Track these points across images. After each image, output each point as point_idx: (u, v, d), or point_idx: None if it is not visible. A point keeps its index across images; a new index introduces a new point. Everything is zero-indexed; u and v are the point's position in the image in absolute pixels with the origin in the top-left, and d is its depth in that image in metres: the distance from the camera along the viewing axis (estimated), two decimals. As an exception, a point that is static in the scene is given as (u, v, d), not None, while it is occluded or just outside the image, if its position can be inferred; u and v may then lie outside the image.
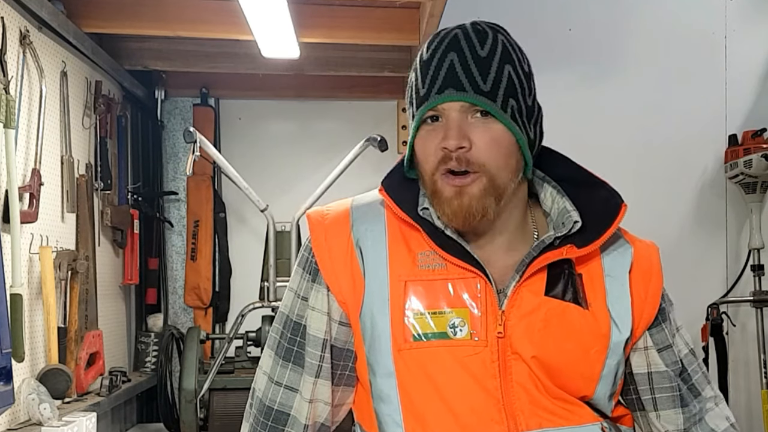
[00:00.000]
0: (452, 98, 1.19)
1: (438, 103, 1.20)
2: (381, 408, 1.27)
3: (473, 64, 1.20)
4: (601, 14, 3.82)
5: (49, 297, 2.37)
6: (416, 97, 1.23)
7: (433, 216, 1.25)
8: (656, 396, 1.34)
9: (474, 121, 1.20)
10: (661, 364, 1.33)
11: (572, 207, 1.28)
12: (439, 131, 1.21)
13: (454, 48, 1.21)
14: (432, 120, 1.22)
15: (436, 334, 1.23)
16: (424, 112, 1.21)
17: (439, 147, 1.20)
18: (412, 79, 1.25)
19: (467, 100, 1.19)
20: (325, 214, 1.33)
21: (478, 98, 1.19)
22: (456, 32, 1.23)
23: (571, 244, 1.26)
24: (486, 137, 1.20)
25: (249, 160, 3.63)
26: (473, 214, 1.21)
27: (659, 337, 1.33)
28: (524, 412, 1.23)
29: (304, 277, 1.32)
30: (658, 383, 1.33)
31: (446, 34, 1.24)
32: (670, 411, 1.34)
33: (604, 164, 1.60)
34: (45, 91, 2.46)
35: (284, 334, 1.32)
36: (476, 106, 1.20)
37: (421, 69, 1.23)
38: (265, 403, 1.33)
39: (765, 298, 3.63)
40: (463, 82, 1.19)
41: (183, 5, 2.93)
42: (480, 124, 1.20)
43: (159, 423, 3.35)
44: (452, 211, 1.21)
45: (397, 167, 1.33)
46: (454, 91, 1.19)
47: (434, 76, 1.20)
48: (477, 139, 1.19)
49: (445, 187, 1.21)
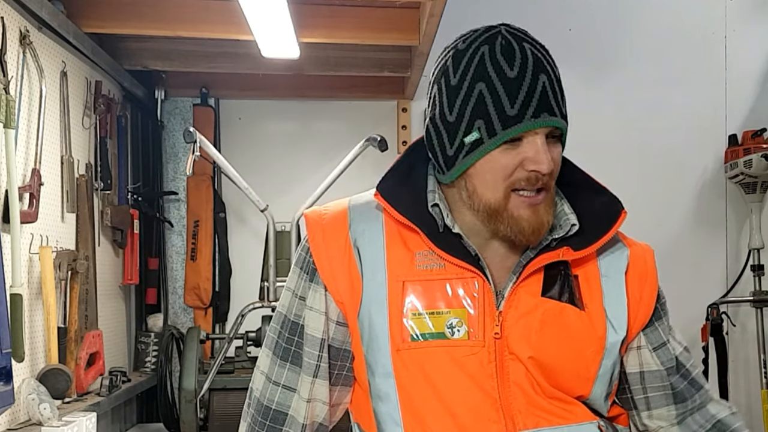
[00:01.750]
0: (547, 123, 1.20)
1: (535, 127, 1.19)
2: (380, 407, 1.27)
3: (557, 86, 1.22)
4: (601, 14, 3.82)
5: (49, 297, 2.37)
6: (499, 114, 1.19)
7: (443, 213, 1.26)
8: (649, 395, 1.35)
9: (550, 142, 1.22)
10: (652, 364, 1.34)
11: (570, 210, 1.29)
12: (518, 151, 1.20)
13: (543, 69, 1.20)
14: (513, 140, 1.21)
15: (434, 334, 1.24)
16: (515, 134, 1.19)
17: (521, 167, 1.20)
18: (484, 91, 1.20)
19: (558, 125, 1.21)
20: (322, 214, 1.33)
21: (563, 123, 1.22)
22: (530, 49, 1.21)
23: (568, 247, 1.27)
24: (557, 158, 1.24)
25: (249, 160, 3.63)
26: (544, 229, 1.25)
27: (654, 336, 1.34)
28: (521, 412, 1.23)
29: (302, 276, 1.32)
30: (650, 382, 1.34)
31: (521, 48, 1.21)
32: (663, 409, 1.35)
33: (604, 164, 1.60)
34: (45, 91, 2.46)
35: (282, 334, 1.33)
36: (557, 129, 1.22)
37: (507, 87, 1.19)
38: (263, 402, 1.33)
39: (765, 298, 3.63)
40: (554, 108, 1.20)
41: (183, 5, 2.93)
42: (553, 145, 1.23)
43: (159, 423, 3.35)
44: (532, 230, 1.23)
45: (391, 171, 1.33)
46: (549, 116, 1.20)
47: (528, 98, 1.18)
48: (555, 161, 1.23)
49: (518, 205, 1.22)
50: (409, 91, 3.64)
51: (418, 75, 3.39)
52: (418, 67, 3.27)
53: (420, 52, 3.08)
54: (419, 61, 3.20)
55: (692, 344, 3.48)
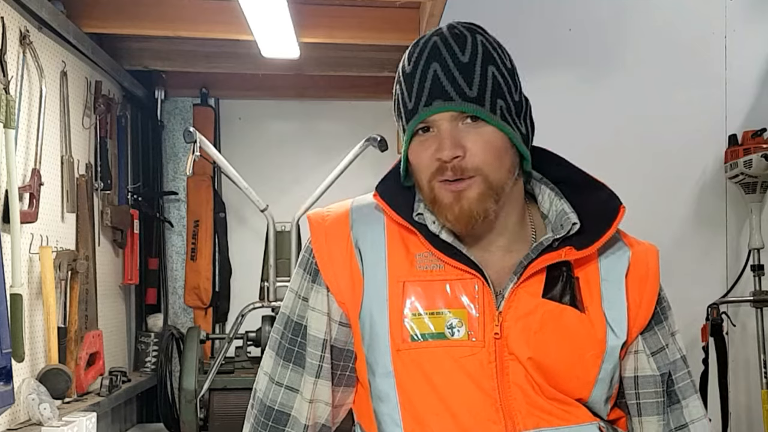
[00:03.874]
0: (441, 109, 1.19)
1: (427, 115, 1.20)
2: (380, 407, 1.27)
3: (456, 71, 1.20)
4: (601, 14, 3.82)
5: (49, 297, 2.37)
6: (404, 110, 1.23)
7: (428, 221, 1.26)
8: (641, 401, 1.33)
9: (465, 127, 1.20)
10: (647, 369, 1.32)
11: (570, 209, 1.28)
12: (432, 142, 1.21)
13: (435, 57, 1.20)
14: (423, 131, 1.22)
15: (434, 334, 1.24)
16: (414, 126, 1.21)
17: (433, 158, 1.20)
18: (398, 92, 1.25)
19: (456, 108, 1.19)
20: (325, 215, 1.34)
21: (467, 105, 1.19)
22: (434, 40, 1.22)
23: (570, 246, 1.26)
24: (479, 142, 1.20)
25: (249, 160, 3.63)
26: (474, 218, 1.22)
27: (652, 340, 1.33)
28: (521, 413, 1.23)
29: (305, 277, 1.33)
30: (644, 388, 1.32)
31: (425, 43, 1.23)
32: (653, 417, 1.32)
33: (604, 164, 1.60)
34: (45, 91, 2.46)
35: (285, 335, 1.33)
36: (466, 113, 1.20)
37: (406, 82, 1.22)
38: (265, 403, 1.33)
39: (765, 298, 3.63)
40: (450, 92, 1.19)
41: (183, 5, 2.93)
42: (471, 129, 1.20)
43: (159, 423, 3.35)
44: (454, 217, 1.22)
45: (391, 172, 1.33)
46: (442, 101, 1.19)
47: (420, 88, 1.20)
48: (470, 145, 1.20)
49: (443, 194, 1.21)
50: (409, 91, 3.64)
51: (418, 75, 3.39)
52: (418, 67, 3.27)
53: (420, 52, 3.07)
54: (419, 61, 3.20)
55: (692, 344, 3.48)
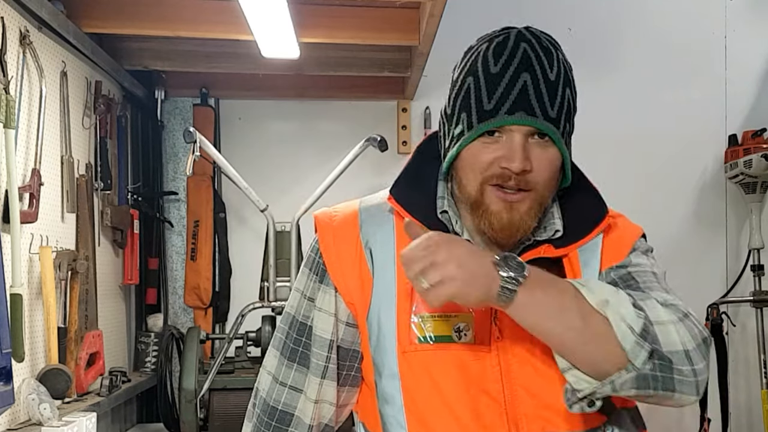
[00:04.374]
0: (523, 122, 1.19)
1: (507, 123, 1.19)
2: (385, 409, 1.27)
3: (544, 87, 1.20)
4: (601, 14, 3.82)
5: (49, 297, 2.37)
6: (478, 108, 1.21)
7: (452, 220, 1.26)
8: None
9: (533, 143, 1.21)
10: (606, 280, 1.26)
11: (559, 216, 1.29)
12: (498, 147, 1.20)
13: (527, 67, 1.20)
14: (489, 134, 1.21)
15: (441, 337, 1.24)
16: (487, 128, 1.20)
17: (497, 163, 1.20)
18: (471, 85, 1.22)
19: (536, 125, 1.19)
20: (333, 215, 1.33)
21: (546, 125, 1.20)
22: (524, 47, 1.21)
23: (549, 245, 1.27)
24: (544, 161, 1.21)
25: (249, 160, 3.63)
26: (520, 230, 1.23)
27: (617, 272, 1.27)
28: (527, 416, 1.23)
29: (311, 278, 1.33)
30: None
31: (514, 45, 1.21)
32: None
33: (604, 164, 1.60)
34: (45, 91, 2.46)
35: (290, 335, 1.33)
36: (540, 130, 1.20)
37: (489, 81, 1.20)
38: (269, 403, 1.33)
39: (765, 298, 3.63)
40: (535, 107, 1.19)
41: (183, 5, 2.93)
42: (539, 146, 1.21)
43: (159, 423, 3.35)
44: (501, 226, 1.22)
45: (402, 174, 1.34)
46: (525, 114, 1.19)
47: (505, 93, 1.19)
48: (536, 163, 1.20)
49: (493, 200, 1.21)
50: (409, 91, 3.64)
51: (418, 75, 3.39)
52: (418, 67, 3.27)
53: (420, 52, 3.08)
54: (419, 61, 3.20)
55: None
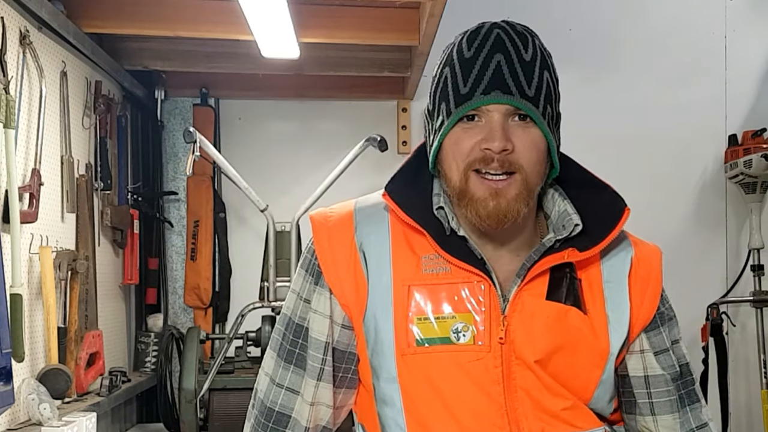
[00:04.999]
0: (499, 101, 1.19)
1: (483, 103, 1.19)
2: (384, 411, 1.27)
3: (519, 67, 1.19)
4: (601, 14, 3.82)
5: (49, 297, 2.37)
6: (454, 93, 1.21)
7: (448, 216, 1.25)
8: (654, 401, 1.32)
9: (514, 124, 1.20)
10: (657, 368, 1.31)
11: (573, 210, 1.27)
12: (478, 131, 1.20)
13: (500, 49, 1.20)
14: (469, 119, 1.21)
15: (439, 339, 1.23)
16: (465, 111, 1.20)
17: (477, 147, 1.19)
18: (447, 74, 1.23)
19: (513, 103, 1.19)
20: (328, 216, 1.32)
21: (524, 103, 1.19)
22: (497, 32, 1.21)
23: (573, 248, 1.25)
24: (527, 141, 1.20)
25: (249, 160, 3.63)
26: (507, 217, 1.21)
27: (656, 340, 1.32)
28: (527, 418, 1.23)
29: (307, 279, 1.32)
30: (656, 387, 1.32)
31: (487, 32, 1.22)
32: (668, 416, 1.32)
33: (604, 164, 1.60)
34: (45, 91, 2.46)
35: (286, 336, 1.32)
36: (519, 110, 1.19)
37: (463, 65, 1.21)
38: (266, 404, 1.32)
39: (765, 298, 3.63)
40: (510, 86, 1.19)
41: (183, 5, 2.93)
42: (520, 127, 1.20)
43: (159, 423, 3.35)
44: (487, 213, 1.20)
45: (399, 171, 1.32)
46: (501, 93, 1.18)
47: (479, 75, 1.19)
48: (518, 143, 1.19)
49: (478, 187, 1.20)
50: (409, 91, 3.64)
51: (418, 75, 3.39)
52: (418, 67, 3.27)
53: (420, 52, 3.08)
54: (419, 61, 3.20)
55: (692, 344, 3.48)
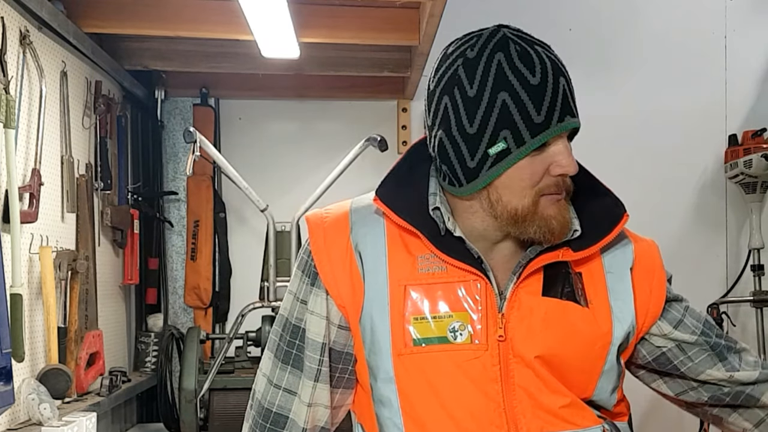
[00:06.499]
0: (569, 126, 1.21)
1: (561, 131, 1.20)
2: (382, 411, 1.27)
3: (572, 86, 1.22)
4: (601, 14, 3.82)
5: (49, 297, 2.37)
6: (527, 123, 1.18)
7: (444, 217, 1.25)
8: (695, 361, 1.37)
9: None
10: (686, 337, 1.36)
11: (574, 215, 1.29)
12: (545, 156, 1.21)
13: (561, 72, 1.21)
14: None
15: (436, 338, 1.24)
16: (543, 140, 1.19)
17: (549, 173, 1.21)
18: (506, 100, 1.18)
19: (578, 125, 1.23)
20: (324, 217, 1.33)
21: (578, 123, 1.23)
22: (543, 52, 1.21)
23: (567, 247, 1.27)
24: None
25: (249, 160, 3.63)
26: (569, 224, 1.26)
27: (671, 317, 1.36)
28: (526, 416, 1.23)
29: (303, 280, 1.32)
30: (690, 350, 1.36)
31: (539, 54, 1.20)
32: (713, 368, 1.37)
33: (604, 164, 1.60)
34: (45, 91, 2.46)
35: (283, 337, 1.33)
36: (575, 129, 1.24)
37: (533, 93, 1.17)
38: (264, 405, 1.33)
39: (765, 298, 3.62)
40: (573, 109, 1.21)
41: (183, 5, 2.93)
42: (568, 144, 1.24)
43: (159, 423, 3.35)
44: (561, 227, 1.23)
45: (390, 174, 1.33)
46: (570, 117, 1.20)
47: (552, 102, 1.18)
48: None
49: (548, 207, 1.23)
50: (409, 91, 3.64)
51: (418, 75, 3.39)
52: (418, 67, 3.27)
53: (420, 52, 3.08)
54: (419, 61, 3.20)
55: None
